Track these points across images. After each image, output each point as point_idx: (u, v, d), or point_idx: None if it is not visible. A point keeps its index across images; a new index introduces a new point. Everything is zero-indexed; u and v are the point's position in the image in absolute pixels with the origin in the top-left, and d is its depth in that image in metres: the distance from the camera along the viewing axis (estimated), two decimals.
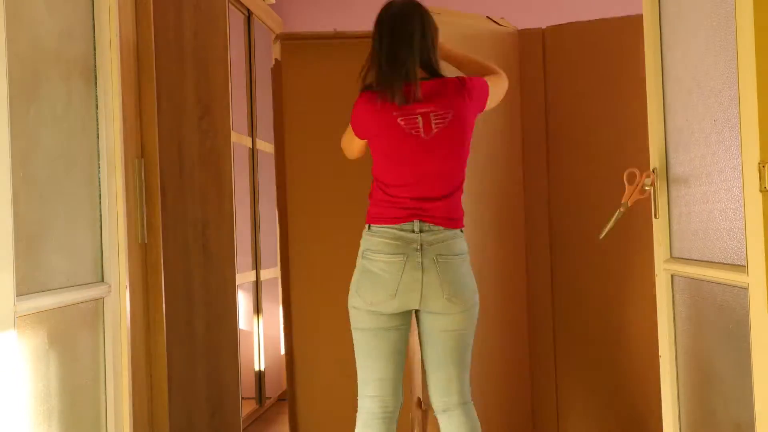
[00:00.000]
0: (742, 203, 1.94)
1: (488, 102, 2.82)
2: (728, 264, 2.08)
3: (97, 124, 2.40)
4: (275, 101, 3.85)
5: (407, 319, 2.75)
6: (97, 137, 2.39)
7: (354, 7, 5.03)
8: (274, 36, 3.91)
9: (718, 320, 2.18)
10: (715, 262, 2.16)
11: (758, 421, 1.92)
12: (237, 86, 4.56)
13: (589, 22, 3.73)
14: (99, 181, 2.39)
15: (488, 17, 3.70)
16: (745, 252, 1.94)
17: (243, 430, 4.17)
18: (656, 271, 2.52)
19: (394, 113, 2.70)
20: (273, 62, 4.02)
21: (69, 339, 2.24)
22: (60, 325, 2.19)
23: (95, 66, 2.40)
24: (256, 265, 4.82)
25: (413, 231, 2.68)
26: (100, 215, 2.39)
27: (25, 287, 2.01)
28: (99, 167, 2.39)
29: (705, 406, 2.32)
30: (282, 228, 3.80)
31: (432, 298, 2.67)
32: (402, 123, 2.70)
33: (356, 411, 2.79)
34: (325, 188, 3.64)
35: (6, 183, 1.91)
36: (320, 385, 3.68)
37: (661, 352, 2.51)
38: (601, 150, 3.67)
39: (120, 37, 2.50)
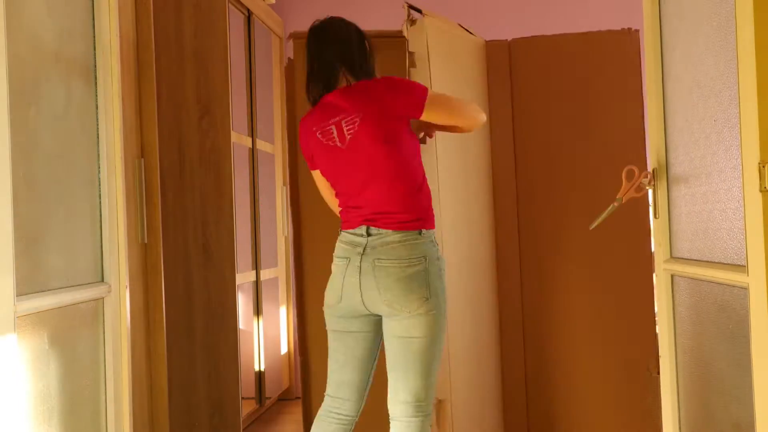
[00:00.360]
0: (742, 203, 1.94)
1: (426, 106, 2.60)
2: (728, 264, 2.08)
3: (97, 124, 2.40)
4: (288, 101, 3.86)
5: (367, 326, 2.69)
6: (97, 137, 2.39)
7: (354, 7, 5.03)
8: (287, 34, 3.92)
9: (718, 320, 2.18)
10: (715, 262, 2.16)
11: (758, 421, 1.92)
12: (237, 86, 4.56)
13: (553, 36, 3.81)
14: (99, 181, 2.39)
15: (459, 25, 3.72)
16: (745, 252, 1.94)
17: (243, 430, 4.17)
18: (656, 271, 2.52)
19: (314, 128, 2.69)
20: (286, 61, 4.02)
21: (69, 339, 2.24)
22: (60, 325, 2.19)
23: (95, 66, 2.40)
24: (256, 265, 4.83)
25: (361, 235, 2.62)
26: (100, 215, 2.39)
27: (25, 287, 2.01)
28: (99, 167, 2.39)
29: (705, 406, 2.32)
30: (295, 227, 3.81)
31: (374, 302, 2.60)
32: (320, 137, 2.67)
33: (370, 410, 2.79)
34: None
35: (6, 183, 1.91)
36: None
37: (661, 352, 2.51)
38: (566, 159, 3.79)
39: (120, 36, 2.50)
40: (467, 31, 3.74)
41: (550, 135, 3.80)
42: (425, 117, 2.63)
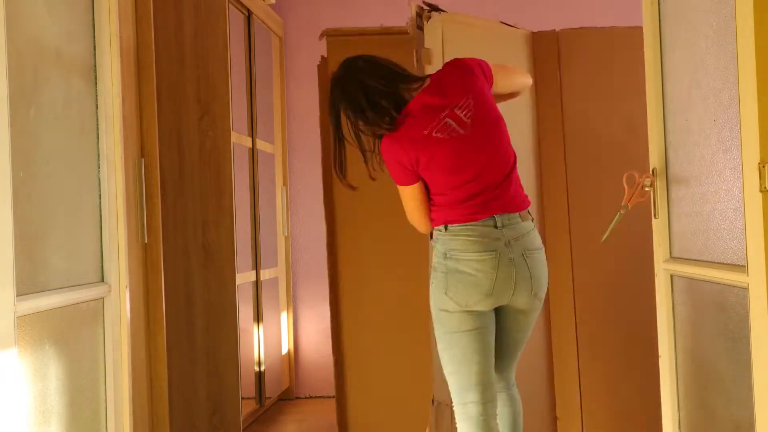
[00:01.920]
0: (742, 203, 1.94)
1: (495, 78, 2.70)
2: (728, 264, 2.08)
3: (97, 124, 2.40)
4: (322, 99, 3.85)
5: (493, 317, 2.66)
6: (97, 137, 2.40)
7: (354, 6, 5.03)
8: (320, 33, 3.94)
9: (718, 320, 2.18)
10: (715, 262, 2.16)
11: (758, 421, 1.92)
12: (237, 86, 4.56)
13: (602, 28, 3.78)
14: (99, 181, 2.39)
15: (502, 22, 3.67)
16: (745, 252, 1.94)
17: (243, 430, 4.17)
18: (656, 271, 2.52)
19: (424, 132, 2.57)
20: (320, 59, 4.03)
21: (69, 339, 2.24)
22: (60, 326, 2.19)
23: (95, 66, 2.40)
24: (256, 265, 4.83)
25: (494, 226, 2.58)
26: (100, 215, 2.39)
27: (25, 288, 2.01)
28: (99, 167, 2.39)
29: (705, 406, 2.32)
30: (329, 226, 3.81)
31: (521, 294, 2.61)
32: (438, 134, 2.57)
33: (407, 407, 2.77)
34: (372, 185, 3.52)
35: (6, 183, 1.91)
36: (371, 382, 3.72)
37: (660, 353, 2.51)
38: (616, 150, 3.66)
39: (120, 37, 2.50)
40: (510, 26, 3.67)
41: (599, 126, 3.70)
42: (493, 88, 2.69)
